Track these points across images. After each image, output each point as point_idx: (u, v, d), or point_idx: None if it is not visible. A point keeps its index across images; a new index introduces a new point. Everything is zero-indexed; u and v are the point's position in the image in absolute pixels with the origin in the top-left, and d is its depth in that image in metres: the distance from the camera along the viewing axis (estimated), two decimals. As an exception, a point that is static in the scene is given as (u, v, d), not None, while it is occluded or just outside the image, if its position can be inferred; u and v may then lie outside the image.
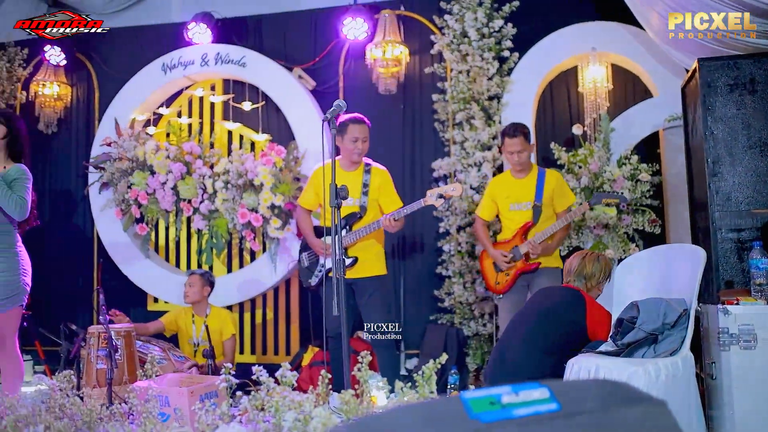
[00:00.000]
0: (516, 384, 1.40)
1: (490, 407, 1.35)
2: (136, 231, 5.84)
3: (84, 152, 6.18)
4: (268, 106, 5.79)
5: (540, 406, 1.39)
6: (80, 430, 2.30)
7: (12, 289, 3.60)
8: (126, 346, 4.44)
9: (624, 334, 3.16)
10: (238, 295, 5.59)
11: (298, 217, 4.61)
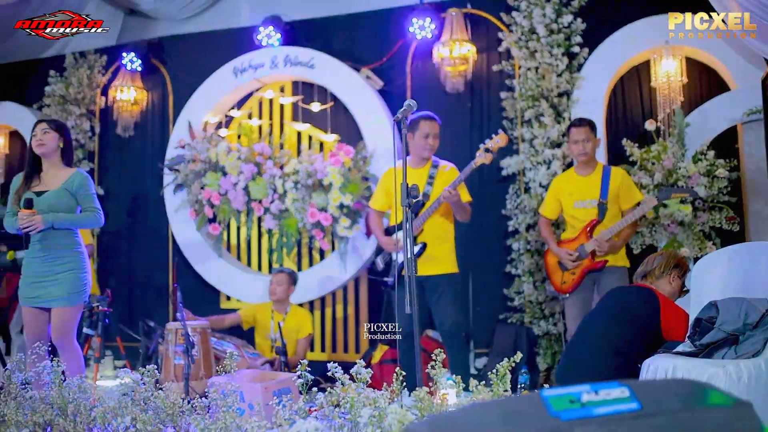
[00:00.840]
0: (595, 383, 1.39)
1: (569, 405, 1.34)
2: (209, 231, 6.00)
3: (159, 155, 6.37)
4: (337, 106, 5.86)
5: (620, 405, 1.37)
6: (164, 423, 2.38)
7: (78, 285, 3.76)
8: (202, 343, 4.58)
9: (702, 334, 3.07)
10: (307, 294, 5.67)
11: (370, 219, 4.68)
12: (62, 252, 3.73)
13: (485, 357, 5.36)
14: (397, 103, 5.54)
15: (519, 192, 5.30)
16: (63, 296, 3.67)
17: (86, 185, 3.84)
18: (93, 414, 2.42)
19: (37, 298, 3.70)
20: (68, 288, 3.70)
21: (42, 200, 3.72)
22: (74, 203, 3.82)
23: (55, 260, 3.71)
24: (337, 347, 5.84)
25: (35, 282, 3.71)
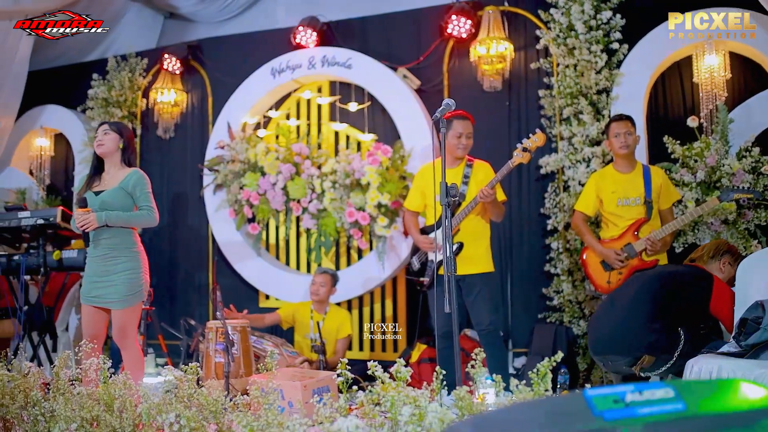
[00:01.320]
0: (640, 383, 1.38)
1: (613, 405, 1.33)
2: (248, 230, 6.07)
3: (199, 155, 6.46)
4: (374, 106, 5.88)
5: (665, 406, 1.36)
6: (207, 419, 2.41)
7: (135, 286, 3.81)
8: (242, 341, 4.63)
9: (748, 334, 3.02)
10: (346, 293, 5.69)
11: (405, 219, 4.69)
12: (119, 252, 3.79)
13: (524, 357, 5.33)
14: (434, 102, 5.55)
15: (558, 190, 5.26)
16: (119, 298, 3.73)
17: (142, 183, 3.86)
18: (138, 410, 2.47)
19: (96, 298, 3.77)
20: (125, 289, 3.75)
21: (98, 199, 3.79)
22: (130, 202, 3.84)
23: (111, 260, 3.76)
24: (375, 346, 5.86)
25: (94, 281, 3.79)
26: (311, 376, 4.04)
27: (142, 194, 3.86)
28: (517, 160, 4.12)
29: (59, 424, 2.46)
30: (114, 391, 2.56)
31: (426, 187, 4.45)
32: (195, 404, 2.46)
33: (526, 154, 4.12)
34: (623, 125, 4.30)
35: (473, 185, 4.29)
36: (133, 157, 4.02)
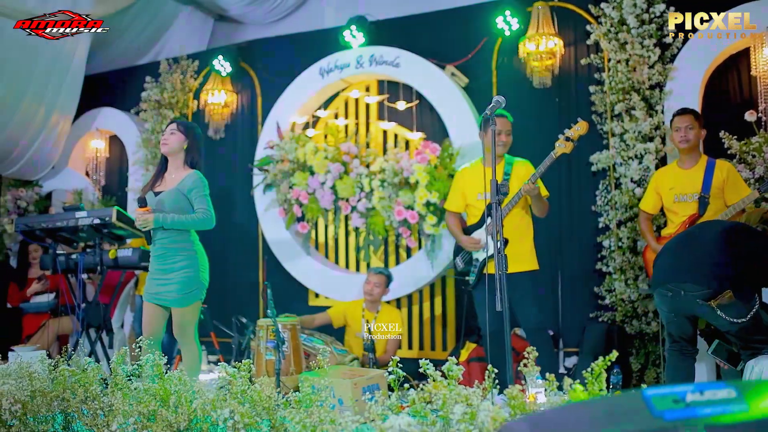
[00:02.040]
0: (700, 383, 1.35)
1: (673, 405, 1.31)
2: (297, 229, 6.12)
3: (248, 155, 6.53)
4: (422, 104, 5.87)
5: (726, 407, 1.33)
6: (260, 415, 2.44)
7: (193, 284, 3.88)
8: (292, 339, 4.67)
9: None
10: (395, 292, 5.69)
11: (447, 221, 4.67)
12: (177, 251, 3.86)
13: (575, 356, 5.26)
14: (482, 99, 5.52)
15: (609, 188, 5.17)
16: (178, 296, 3.82)
17: (199, 186, 3.88)
18: (193, 405, 2.51)
19: (156, 296, 3.86)
20: (182, 288, 3.83)
21: (157, 200, 3.87)
22: (186, 204, 3.87)
23: (169, 259, 3.84)
24: (424, 345, 5.85)
25: (154, 279, 3.88)
26: (361, 374, 4.06)
27: (198, 197, 3.88)
28: (560, 150, 4.07)
29: (117, 418, 2.52)
30: (170, 387, 2.61)
31: (466, 188, 4.45)
32: (248, 400, 2.48)
33: (569, 143, 4.07)
34: (684, 119, 4.23)
35: (515, 182, 4.26)
36: (196, 159, 4.01)
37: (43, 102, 6.81)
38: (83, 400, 2.84)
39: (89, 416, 2.79)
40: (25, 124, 6.78)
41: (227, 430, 2.36)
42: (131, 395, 2.64)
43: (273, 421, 2.46)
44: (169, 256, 3.87)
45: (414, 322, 5.89)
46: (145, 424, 2.51)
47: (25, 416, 2.91)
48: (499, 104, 3.06)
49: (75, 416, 2.89)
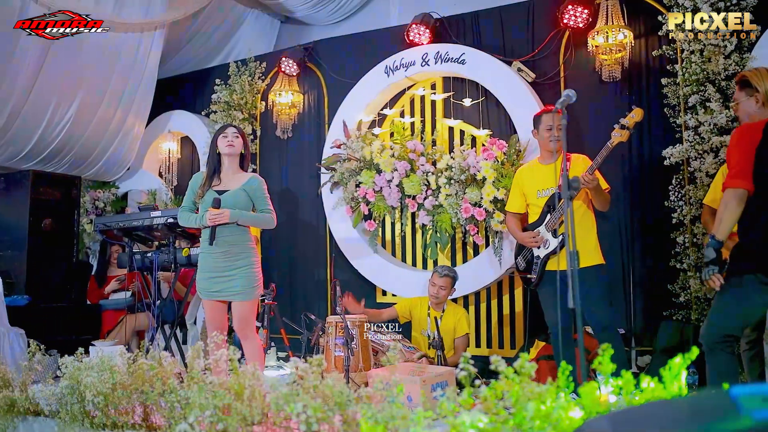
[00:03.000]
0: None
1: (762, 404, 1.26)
2: (364, 227, 6.17)
3: (316, 154, 6.62)
4: (488, 101, 5.83)
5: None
6: (332, 410, 2.47)
7: (253, 280, 4.06)
8: (360, 336, 4.71)
9: None
10: (462, 289, 5.67)
11: (508, 222, 4.63)
12: (238, 249, 4.05)
13: (648, 355, 5.13)
14: (550, 95, 5.44)
15: (683, 183, 5.03)
16: (241, 291, 3.99)
17: (263, 188, 4.16)
18: (267, 399, 2.56)
19: (218, 293, 4.01)
20: (245, 283, 4.01)
21: (223, 198, 4.04)
22: (250, 204, 4.13)
23: (232, 257, 4.02)
24: (492, 343, 5.81)
25: (214, 277, 4.02)
26: (429, 372, 4.06)
27: (262, 198, 4.15)
28: (616, 139, 3.99)
29: (194, 411, 2.58)
30: (243, 381, 2.67)
31: (525, 187, 4.41)
32: (320, 395, 2.52)
33: (625, 131, 3.98)
34: None
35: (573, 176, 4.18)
36: (248, 162, 4.32)
37: (119, 106, 7.04)
38: (161, 393, 2.93)
39: (167, 409, 2.88)
40: (103, 128, 7.03)
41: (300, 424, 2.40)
42: (207, 389, 2.71)
43: (344, 415, 2.49)
44: (232, 253, 4.05)
45: (482, 320, 5.85)
46: (220, 417, 2.57)
47: (106, 407, 3.02)
48: (569, 99, 3.01)
49: (153, 408, 2.99)
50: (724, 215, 3.12)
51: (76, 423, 3.12)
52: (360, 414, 2.40)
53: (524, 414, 2.13)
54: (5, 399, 3.46)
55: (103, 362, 3.17)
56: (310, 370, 2.63)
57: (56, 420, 3.23)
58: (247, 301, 4.03)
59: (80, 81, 6.58)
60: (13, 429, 3.47)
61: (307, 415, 2.40)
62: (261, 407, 2.62)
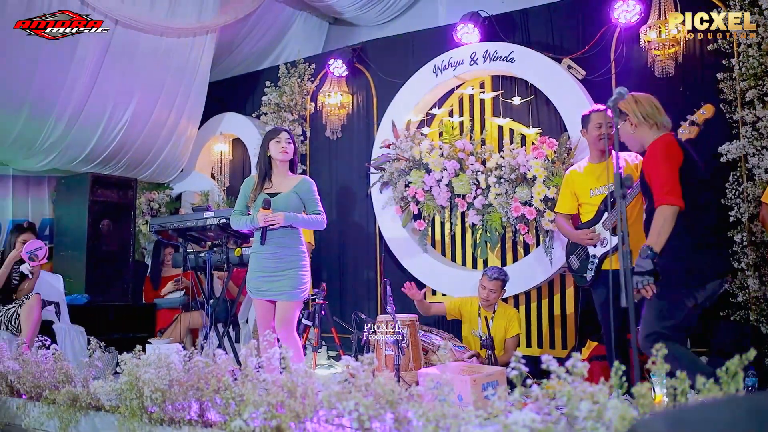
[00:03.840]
0: None
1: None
2: (414, 227, 6.18)
3: (365, 154, 6.65)
4: (538, 99, 5.78)
5: None
6: (383, 408, 2.49)
7: (300, 282, 4.12)
8: (411, 335, 4.72)
9: None
10: (512, 288, 5.62)
11: (558, 223, 4.59)
12: (288, 250, 4.14)
13: (704, 357, 5.02)
14: (601, 92, 5.36)
15: (741, 180, 4.90)
16: (288, 291, 4.06)
17: (313, 190, 4.24)
18: (319, 397, 2.60)
19: (266, 292, 4.10)
20: (292, 284, 4.08)
21: (275, 201, 4.12)
22: (301, 206, 4.20)
23: (281, 258, 4.10)
24: (543, 343, 5.75)
25: (264, 277, 4.10)
26: (480, 371, 4.05)
27: (313, 200, 4.22)
28: (684, 135, 3.89)
29: (249, 407, 2.63)
30: (296, 379, 2.70)
31: (577, 187, 4.38)
32: (372, 393, 2.54)
33: (694, 128, 3.89)
34: None
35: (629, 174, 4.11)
36: (296, 164, 4.42)
37: (173, 109, 7.19)
38: (216, 390, 2.99)
39: (222, 405, 2.94)
40: (157, 131, 7.19)
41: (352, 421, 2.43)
42: (260, 386, 2.75)
43: (396, 413, 2.50)
44: (283, 255, 4.13)
45: (532, 320, 5.80)
46: (274, 413, 2.62)
47: (164, 403, 3.09)
48: (621, 96, 2.97)
49: (209, 405, 3.05)
50: (664, 230, 3.32)
51: (135, 418, 3.21)
52: (411, 412, 2.41)
53: (576, 414, 2.11)
54: (68, 394, 3.57)
55: (160, 359, 3.25)
56: (361, 368, 2.65)
57: (116, 415, 3.33)
58: (291, 301, 4.09)
59: (135, 85, 6.74)
60: (75, 423, 3.58)
61: (359, 413, 2.43)
62: (313, 404, 2.65)
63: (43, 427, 3.71)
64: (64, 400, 3.57)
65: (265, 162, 4.28)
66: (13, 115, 6.10)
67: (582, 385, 2.26)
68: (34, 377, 3.84)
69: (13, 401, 3.98)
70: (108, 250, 6.84)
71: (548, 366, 2.33)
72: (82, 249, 6.65)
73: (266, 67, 7.84)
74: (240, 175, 7.82)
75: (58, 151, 6.65)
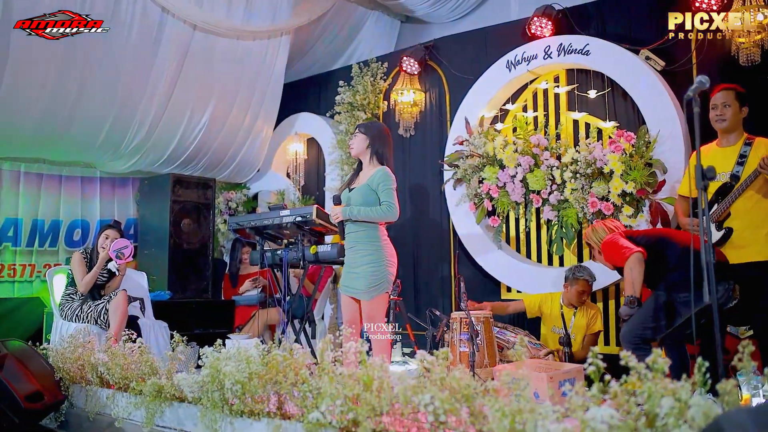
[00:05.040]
0: None
1: None
2: (488, 223, 6.14)
3: (438, 152, 6.64)
4: (614, 91, 5.65)
5: None
6: (459, 402, 2.49)
7: (375, 279, 4.07)
8: (485, 332, 4.70)
9: None
10: (591, 285, 5.53)
11: (675, 206, 4.55)
12: (363, 245, 4.12)
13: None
14: (681, 82, 5.20)
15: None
16: (362, 289, 4.06)
17: (385, 180, 4.11)
18: (395, 390, 2.62)
19: (347, 288, 4.15)
20: (366, 282, 4.05)
21: (350, 196, 4.17)
22: (375, 198, 4.12)
23: (357, 252, 4.12)
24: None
25: (346, 272, 4.17)
26: (557, 368, 3.99)
27: (384, 190, 4.10)
28: None
29: (326, 400, 2.67)
30: (372, 373, 2.73)
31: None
32: (447, 387, 2.54)
33: None
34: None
35: (752, 164, 3.96)
36: (381, 152, 4.25)
37: (249, 111, 7.35)
38: (294, 383, 3.05)
39: (299, 398, 2.99)
40: (234, 132, 7.36)
41: (428, 415, 2.44)
42: (337, 379, 2.79)
43: (471, 408, 2.50)
44: (357, 250, 4.13)
45: (611, 317, 5.68)
46: (350, 406, 2.65)
47: (244, 395, 3.17)
48: (702, 85, 2.87)
49: (287, 398, 3.11)
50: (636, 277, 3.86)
51: (217, 409, 3.30)
52: (487, 407, 2.40)
53: (657, 411, 2.06)
54: (154, 385, 3.71)
55: (240, 353, 3.33)
56: (436, 362, 2.66)
57: (198, 406, 3.43)
58: (369, 300, 4.08)
59: (212, 89, 6.92)
60: (160, 414, 3.70)
61: (435, 407, 2.43)
62: (389, 398, 2.67)
63: (131, 417, 3.86)
64: (150, 390, 3.70)
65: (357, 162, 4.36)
66: (99, 119, 6.35)
67: (663, 381, 2.20)
68: (121, 369, 4.00)
69: (103, 392, 4.15)
70: (188, 249, 7.05)
71: (627, 362, 2.28)
72: (165, 247, 6.88)
73: (339, 66, 7.92)
74: (315, 174, 7.93)
75: (142, 153, 6.89)
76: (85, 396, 4.25)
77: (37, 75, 5.74)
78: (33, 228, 6.95)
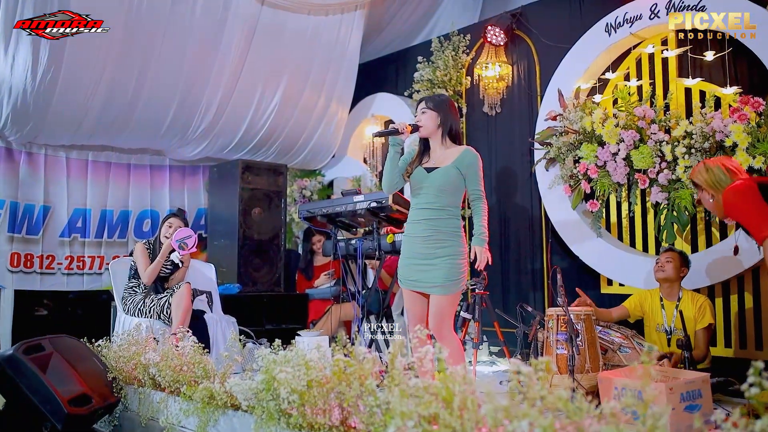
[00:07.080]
0: None
1: None
2: (586, 208, 5.49)
3: (528, 130, 6.07)
4: (736, 52, 4.89)
5: None
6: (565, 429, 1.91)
7: (456, 273, 3.55)
8: (587, 331, 4.08)
9: None
10: (706, 279, 4.82)
11: None
12: (445, 235, 3.57)
13: None
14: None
15: None
16: (440, 283, 3.51)
17: (475, 164, 3.64)
18: (482, 411, 2.05)
19: (416, 282, 3.58)
20: (446, 275, 3.52)
21: (431, 177, 3.64)
22: (462, 182, 3.63)
23: (436, 242, 3.56)
24: (746, 342, 4.86)
25: (414, 264, 3.60)
26: (676, 376, 3.36)
27: (475, 177, 3.64)
28: None
29: (395, 420, 2.15)
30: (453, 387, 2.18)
31: None
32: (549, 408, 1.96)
33: None
34: None
35: None
36: (454, 128, 3.75)
37: (322, 93, 6.99)
38: (359, 395, 2.53)
39: (365, 413, 2.48)
40: (307, 115, 7.00)
41: (526, 446, 1.86)
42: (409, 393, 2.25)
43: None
44: (436, 239, 3.57)
45: (732, 315, 4.93)
46: (426, 428, 2.11)
47: (302, 407, 2.69)
48: None
49: (351, 411, 2.60)
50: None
51: (272, 421, 2.84)
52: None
53: None
54: (205, 390, 3.29)
55: (298, 356, 2.85)
56: (534, 375, 2.08)
57: (254, 416, 2.98)
58: (446, 295, 3.53)
59: (283, 68, 6.59)
60: (214, 423, 3.29)
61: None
62: (475, 419, 2.12)
63: (181, 425, 3.46)
64: (201, 396, 3.28)
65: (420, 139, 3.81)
66: (164, 103, 6.09)
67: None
68: (173, 370, 3.60)
69: (156, 394, 3.79)
70: (259, 239, 6.66)
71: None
72: (235, 238, 6.53)
73: (418, 42, 7.42)
74: (393, 158, 7.46)
75: (210, 138, 6.63)
76: (138, 399, 3.90)
77: (97, 57, 5.56)
78: (102, 218, 6.76)
